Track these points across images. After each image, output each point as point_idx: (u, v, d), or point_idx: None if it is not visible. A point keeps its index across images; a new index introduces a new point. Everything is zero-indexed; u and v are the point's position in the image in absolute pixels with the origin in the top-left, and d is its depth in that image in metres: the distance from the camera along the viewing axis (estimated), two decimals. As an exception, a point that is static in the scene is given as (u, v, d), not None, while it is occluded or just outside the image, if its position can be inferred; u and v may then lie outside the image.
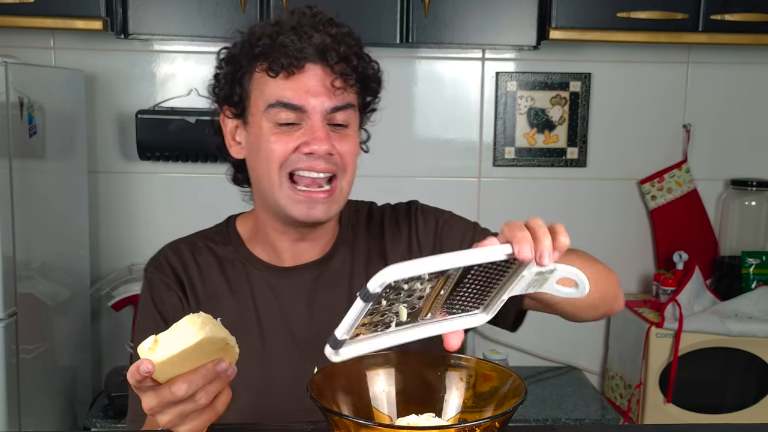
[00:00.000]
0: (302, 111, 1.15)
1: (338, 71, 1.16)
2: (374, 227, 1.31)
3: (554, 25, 2.23)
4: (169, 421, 0.91)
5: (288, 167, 1.16)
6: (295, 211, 1.18)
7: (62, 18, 2.15)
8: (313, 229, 1.24)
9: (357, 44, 1.20)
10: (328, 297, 1.25)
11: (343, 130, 1.19)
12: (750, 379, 2.36)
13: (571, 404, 2.33)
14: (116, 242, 2.55)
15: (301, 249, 1.26)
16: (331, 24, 1.18)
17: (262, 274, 1.26)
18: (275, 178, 1.17)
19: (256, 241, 1.29)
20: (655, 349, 2.30)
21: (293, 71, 1.15)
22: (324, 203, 1.18)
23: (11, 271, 1.87)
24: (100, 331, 2.58)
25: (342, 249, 1.29)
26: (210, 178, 2.53)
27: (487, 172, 2.61)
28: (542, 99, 2.58)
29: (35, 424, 1.99)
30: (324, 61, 1.15)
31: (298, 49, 1.14)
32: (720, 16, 2.22)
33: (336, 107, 1.17)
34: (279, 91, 1.16)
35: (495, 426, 0.82)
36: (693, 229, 2.62)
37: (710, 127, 2.63)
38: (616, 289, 1.20)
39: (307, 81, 1.15)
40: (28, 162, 1.99)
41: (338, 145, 1.17)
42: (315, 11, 1.20)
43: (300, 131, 1.16)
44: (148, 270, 1.28)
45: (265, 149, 1.17)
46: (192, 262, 1.27)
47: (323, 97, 1.15)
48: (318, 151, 1.15)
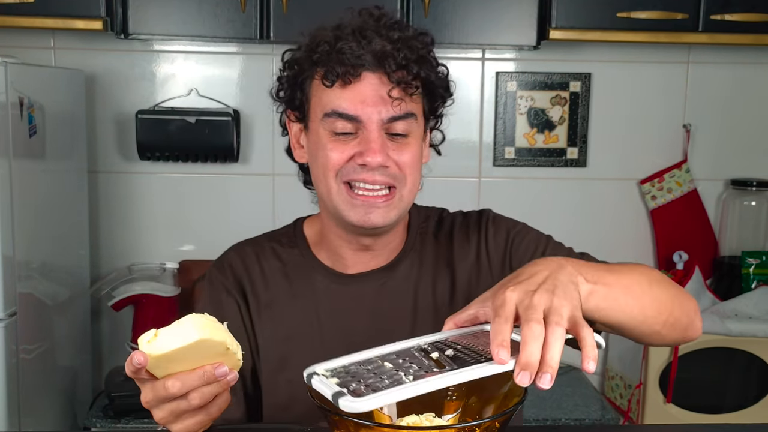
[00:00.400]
0: (358, 121, 1.12)
1: (396, 80, 1.11)
2: (443, 235, 1.28)
3: (554, 25, 2.23)
4: (162, 417, 0.91)
5: (343, 176, 1.14)
6: (353, 216, 1.15)
7: (62, 18, 2.15)
8: (374, 240, 1.21)
9: (423, 48, 1.15)
10: (391, 305, 1.22)
11: (402, 140, 1.15)
12: (750, 379, 2.36)
13: (571, 404, 2.33)
14: (116, 242, 2.55)
15: (364, 258, 1.24)
16: (395, 27, 1.14)
17: (326, 280, 1.24)
18: (332, 186, 1.15)
19: (321, 246, 1.26)
20: (655, 349, 2.30)
21: (349, 80, 1.11)
22: (382, 207, 1.14)
23: (11, 271, 1.87)
24: (100, 331, 2.58)
25: (409, 256, 1.25)
26: (210, 178, 2.53)
27: (487, 172, 2.61)
28: (542, 99, 2.58)
29: (35, 424, 1.99)
30: (381, 69, 1.11)
31: (355, 56, 1.10)
32: (720, 16, 2.22)
33: (394, 117, 1.12)
34: (335, 100, 1.12)
35: (495, 426, 0.82)
36: (693, 229, 2.62)
37: (710, 127, 2.63)
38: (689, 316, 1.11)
39: (364, 90, 1.11)
40: (28, 162, 1.99)
41: (396, 156, 1.14)
42: (381, 12, 1.16)
43: (356, 141, 1.13)
44: (212, 272, 1.27)
45: (322, 157, 1.15)
46: (256, 266, 1.25)
47: (380, 107, 1.11)
48: (371, 163, 1.12)
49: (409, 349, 0.88)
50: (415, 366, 0.83)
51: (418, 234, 1.27)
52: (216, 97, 2.48)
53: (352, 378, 0.81)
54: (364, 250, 1.23)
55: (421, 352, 0.87)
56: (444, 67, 1.21)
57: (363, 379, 0.81)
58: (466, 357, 0.83)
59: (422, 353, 0.86)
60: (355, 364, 0.85)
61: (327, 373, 0.83)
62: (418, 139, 1.18)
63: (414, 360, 0.85)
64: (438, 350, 0.86)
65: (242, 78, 2.51)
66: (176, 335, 0.84)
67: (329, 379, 0.81)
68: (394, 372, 0.82)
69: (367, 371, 0.83)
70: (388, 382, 0.79)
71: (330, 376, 0.82)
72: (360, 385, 0.79)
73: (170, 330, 0.85)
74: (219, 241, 1.44)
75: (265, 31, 2.20)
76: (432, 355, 0.85)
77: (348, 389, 0.78)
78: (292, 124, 1.24)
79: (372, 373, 0.82)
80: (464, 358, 0.83)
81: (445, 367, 0.82)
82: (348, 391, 0.77)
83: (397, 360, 0.85)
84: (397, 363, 0.84)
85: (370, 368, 0.84)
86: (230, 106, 2.48)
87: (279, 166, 2.54)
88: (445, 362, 0.83)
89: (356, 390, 0.78)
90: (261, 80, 2.52)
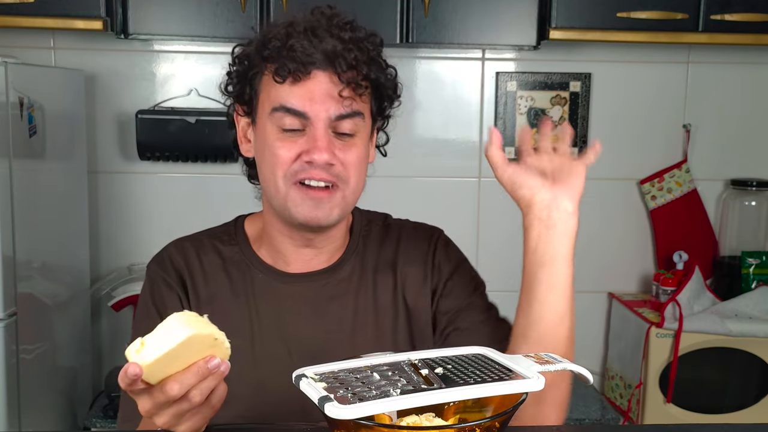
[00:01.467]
0: (305, 118, 1.13)
1: (346, 80, 1.12)
2: (390, 239, 1.29)
3: (554, 25, 2.23)
4: (166, 422, 0.91)
5: (292, 176, 1.15)
6: (299, 213, 1.15)
7: (62, 18, 2.15)
8: (317, 235, 1.22)
9: (374, 49, 1.17)
10: (332, 307, 1.23)
11: (348, 139, 1.16)
12: (750, 379, 2.36)
13: (571, 404, 2.31)
14: (116, 242, 2.55)
15: (306, 255, 1.24)
16: (346, 27, 1.15)
17: (266, 278, 1.24)
18: (280, 184, 1.16)
19: (262, 243, 1.27)
20: (655, 349, 2.30)
21: (299, 77, 1.12)
22: (325, 204, 1.15)
23: (11, 271, 1.87)
24: (100, 331, 2.58)
25: (351, 259, 1.26)
26: (210, 178, 2.53)
27: (487, 172, 2.59)
28: (542, 99, 2.58)
29: (35, 424, 1.99)
30: (332, 68, 1.12)
31: (306, 54, 1.11)
32: (720, 16, 2.22)
33: (341, 115, 1.14)
34: (284, 95, 1.13)
35: (495, 426, 0.82)
36: (693, 229, 2.62)
37: (710, 127, 2.63)
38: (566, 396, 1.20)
39: (313, 87, 1.13)
40: (28, 162, 1.99)
41: (341, 155, 1.15)
42: (334, 12, 1.17)
43: (303, 138, 1.14)
44: (151, 267, 1.26)
45: (270, 154, 1.16)
46: (196, 261, 1.25)
47: (328, 104, 1.13)
48: (317, 160, 1.13)
49: (400, 363, 0.89)
50: (403, 380, 0.83)
51: (361, 237, 1.28)
52: (216, 97, 2.48)
53: (340, 384, 0.82)
54: (306, 247, 1.23)
55: (411, 367, 0.87)
56: (392, 69, 1.22)
57: (351, 387, 0.81)
58: (455, 377, 0.84)
59: (412, 369, 0.87)
60: (344, 371, 0.86)
61: (316, 376, 0.84)
62: (365, 139, 1.19)
63: (403, 374, 0.85)
64: (428, 367, 0.87)
65: (242, 78, 2.51)
66: (164, 338, 0.84)
67: (317, 383, 0.82)
68: (382, 384, 0.82)
69: (355, 379, 0.83)
70: (375, 393, 0.80)
71: (318, 380, 0.83)
72: (347, 393, 0.80)
73: (156, 335, 0.85)
74: (219, 241, 1.43)
75: (265, 31, 2.20)
76: (422, 372, 0.86)
77: (335, 395, 0.79)
78: (240, 118, 1.25)
79: (360, 382, 0.83)
80: (453, 377, 0.84)
81: (433, 384, 0.83)
82: (335, 397, 0.78)
83: (387, 372, 0.86)
84: (386, 375, 0.85)
85: (359, 377, 0.84)
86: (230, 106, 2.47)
87: (279, 166, 2.54)
88: (433, 380, 0.84)
89: (343, 397, 0.78)
90: (261, 80, 2.52)
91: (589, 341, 2.66)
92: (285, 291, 1.23)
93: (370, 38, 1.17)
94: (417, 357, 0.90)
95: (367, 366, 0.87)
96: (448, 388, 0.81)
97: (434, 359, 0.90)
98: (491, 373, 0.85)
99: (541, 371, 0.84)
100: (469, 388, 0.81)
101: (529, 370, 0.84)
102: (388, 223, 1.32)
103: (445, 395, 0.80)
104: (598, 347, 2.68)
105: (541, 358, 0.88)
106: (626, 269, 2.66)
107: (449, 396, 0.81)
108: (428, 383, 0.83)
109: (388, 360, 0.89)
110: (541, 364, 0.86)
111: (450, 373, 0.85)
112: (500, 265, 2.61)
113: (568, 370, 0.88)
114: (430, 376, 0.85)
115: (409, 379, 0.84)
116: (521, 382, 0.83)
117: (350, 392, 0.80)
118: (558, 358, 0.88)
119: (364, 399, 0.78)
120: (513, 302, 1.15)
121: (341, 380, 0.83)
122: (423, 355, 0.90)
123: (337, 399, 0.78)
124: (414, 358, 0.90)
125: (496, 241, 2.53)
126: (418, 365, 0.88)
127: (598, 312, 2.67)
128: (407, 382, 0.83)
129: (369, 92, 1.18)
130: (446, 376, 0.85)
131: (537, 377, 0.83)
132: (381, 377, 0.84)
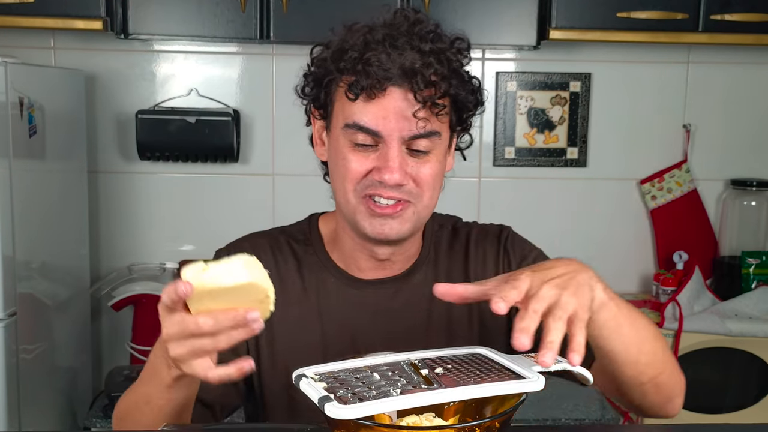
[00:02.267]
0: (378, 136, 1.09)
1: (422, 99, 1.07)
2: (458, 245, 1.27)
3: (554, 25, 2.23)
4: (180, 354, 0.88)
5: (362, 191, 1.12)
6: (368, 228, 1.13)
7: (62, 18, 2.15)
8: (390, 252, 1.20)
9: (456, 60, 1.12)
10: (403, 315, 1.21)
11: (423, 157, 1.12)
12: (750, 379, 2.36)
13: (571, 404, 2.33)
14: (116, 242, 2.55)
15: (379, 265, 1.22)
16: (428, 37, 1.10)
17: (338, 282, 1.22)
18: (350, 198, 1.13)
19: (335, 246, 1.24)
20: (655, 349, 2.30)
21: (374, 94, 1.07)
22: (396, 219, 1.12)
23: (11, 271, 1.87)
24: (100, 331, 2.58)
25: (423, 267, 1.24)
26: (210, 178, 2.53)
27: (487, 172, 2.60)
28: (542, 99, 2.58)
29: (35, 424, 1.99)
30: (408, 86, 1.07)
31: (383, 70, 1.06)
32: (720, 16, 2.22)
33: (416, 135, 1.09)
34: (358, 112, 1.09)
35: (495, 426, 0.82)
36: (693, 229, 2.62)
37: (710, 127, 2.63)
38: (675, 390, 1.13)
39: (387, 105, 1.08)
40: (28, 162, 1.99)
41: (414, 172, 1.11)
42: (417, 17, 1.12)
43: (376, 154, 1.11)
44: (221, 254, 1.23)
45: (342, 165, 1.13)
46: (271, 260, 1.22)
47: (402, 124, 1.08)
48: (388, 181, 1.09)
49: (400, 363, 0.88)
50: (403, 380, 0.83)
51: (432, 244, 1.26)
52: (216, 97, 2.48)
53: (340, 384, 0.82)
54: (377, 260, 1.21)
55: (411, 367, 0.87)
56: (476, 80, 1.16)
57: (351, 386, 0.81)
58: (455, 377, 0.84)
59: (412, 368, 0.87)
60: (344, 371, 0.86)
61: (316, 376, 0.83)
62: (441, 156, 1.15)
63: (403, 374, 0.85)
64: (428, 367, 0.87)
65: (242, 78, 2.51)
66: (226, 273, 0.83)
67: (317, 383, 0.82)
68: (382, 384, 0.82)
69: (355, 379, 0.83)
70: (375, 393, 0.79)
71: (318, 380, 0.83)
72: (347, 393, 0.79)
73: (221, 266, 0.83)
74: (219, 241, 1.43)
75: (265, 31, 2.20)
76: (422, 371, 0.86)
77: (335, 395, 0.78)
78: (315, 120, 1.21)
79: (360, 382, 0.83)
80: (452, 377, 0.84)
81: (432, 384, 0.82)
82: (334, 397, 0.78)
83: (387, 372, 0.86)
84: (386, 375, 0.85)
85: (359, 377, 0.84)
86: (230, 106, 2.48)
87: (279, 166, 2.54)
88: (433, 380, 0.83)
89: (342, 397, 0.78)
90: (261, 80, 2.52)
91: (589, 341, 2.66)
92: (357, 297, 1.21)
93: (453, 47, 1.12)
94: (417, 357, 0.90)
95: (367, 366, 0.87)
96: (448, 388, 0.81)
97: (434, 359, 0.89)
98: (491, 373, 0.85)
99: (541, 371, 0.84)
100: (469, 388, 0.81)
101: (529, 370, 0.84)
102: (457, 228, 1.29)
103: (445, 395, 0.80)
104: (598, 347, 2.68)
105: None
106: (626, 269, 2.66)
107: (449, 396, 0.81)
108: (428, 383, 0.83)
109: (389, 360, 0.89)
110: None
111: (450, 373, 0.85)
112: (500, 265, 2.61)
113: (568, 370, 0.87)
114: (430, 376, 0.85)
115: (409, 379, 0.84)
116: (521, 382, 0.82)
117: (350, 392, 0.80)
118: (558, 357, 0.87)
119: (364, 399, 0.78)
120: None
121: (341, 380, 0.83)
122: (423, 355, 0.90)
123: (337, 399, 0.78)
124: (414, 358, 0.90)
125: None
126: (418, 365, 0.88)
127: (598, 312, 2.66)
128: (407, 382, 0.83)
129: (448, 108, 1.12)
130: (446, 376, 0.84)
131: (537, 377, 0.83)
132: (381, 377, 0.84)
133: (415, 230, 1.17)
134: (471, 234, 1.27)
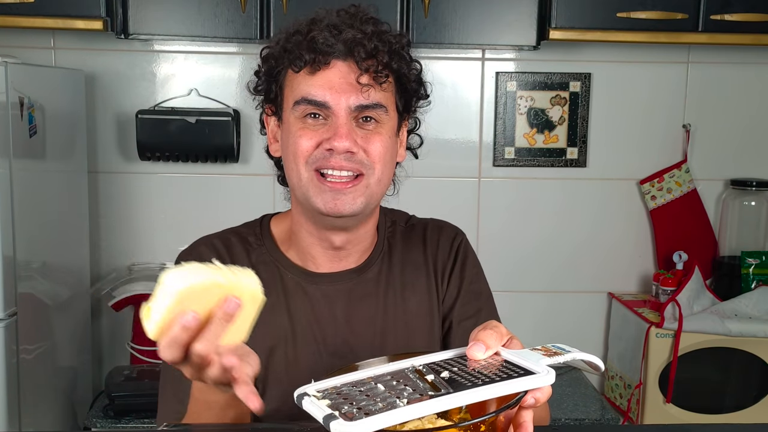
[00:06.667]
0: (327, 107, 1.13)
1: (365, 67, 1.12)
2: (415, 235, 1.30)
3: (554, 25, 2.23)
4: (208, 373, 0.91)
5: (313, 163, 1.14)
6: (320, 202, 1.14)
7: (62, 18, 2.15)
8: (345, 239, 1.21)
9: (397, 43, 1.16)
10: (361, 308, 1.23)
11: (371, 129, 1.15)
12: (750, 379, 2.36)
13: (571, 404, 2.33)
14: (116, 242, 2.56)
15: (335, 256, 1.24)
16: (368, 22, 1.15)
17: (296, 278, 1.24)
18: (302, 173, 1.15)
19: (290, 245, 1.26)
20: (654, 349, 2.30)
21: (318, 67, 1.12)
22: (349, 194, 1.14)
23: (11, 271, 1.87)
24: (100, 331, 2.58)
25: (378, 260, 1.27)
26: (210, 178, 2.53)
27: (487, 172, 2.60)
28: (542, 99, 2.58)
29: (35, 424, 1.99)
30: (351, 57, 1.12)
31: (326, 45, 1.11)
32: (720, 16, 2.22)
33: (362, 105, 1.13)
34: (305, 87, 1.14)
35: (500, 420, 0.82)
36: (693, 229, 2.62)
37: (710, 127, 2.63)
38: None
39: (332, 77, 1.13)
40: (28, 162, 1.99)
41: (363, 143, 1.14)
42: (358, 9, 1.17)
43: (325, 127, 1.14)
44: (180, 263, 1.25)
45: (292, 144, 1.16)
46: (227, 259, 1.24)
47: (348, 94, 1.12)
48: (338, 148, 1.12)
49: (404, 371, 0.86)
50: (409, 389, 0.81)
51: (386, 238, 1.29)
52: (216, 97, 2.48)
53: (344, 400, 0.79)
54: (334, 249, 1.23)
55: (415, 374, 0.85)
56: (418, 64, 1.22)
57: (355, 401, 0.79)
58: (462, 379, 0.82)
59: (417, 375, 0.85)
60: (347, 385, 0.83)
61: (318, 394, 0.81)
62: (390, 132, 1.18)
63: (408, 382, 0.83)
64: (434, 372, 0.85)
65: (242, 78, 2.51)
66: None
67: (320, 400, 0.80)
68: (387, 395, 0.80)
69: (359, 393, 0.81)
70: (381, 405, 0.77)
71: (321, 398, 0.80)
72: (352, 408, 0.77)
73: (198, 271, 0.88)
74: (219, 241, 1.43)
75: (265, 31, 2.20)
76: (427, 377, 0.84)
77: (340, 412, 0.76)
78: (269, 119, 1.25)
79: (365, 395, 0.80)
80: (460, 380, 0.82)
81: (440, 389, 0.80)
82: (340, 414, 0.76)
83: (391, 382, 0.83)
84: (390, 385, 0.82)
85: (363, 390, 0.82)
86: (230, 106, 2.48)
87: (279, 166, 2.54)
88: (440, 385, 0.81)
89: (348, 413, 0.76)
90: (261, 80, 2.52)
91: (589, 341, 2.66)
92: (315, 291, 1.23)
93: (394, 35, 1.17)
94: (421, 362, 0.88)
95: (370, 377, 0.85)
96: (457, 392, 0.79)
97: (439, 363, 0.88)
98: (499, 371, 0.83)
99: (550, 364, 0.82)
100: (479, 390, 0.79)
101: (538, 364, 0.82)
102: (412, 224, 1.33)
103: (453, 400, 0.78)
104: (598, 347, 2.68)
105: (549, 350, 0.86)
106: (626, 269, 2.66)
107: (458, 401, 0.78)
108: (435, 389, 0.81)
109: (392, 369, 0.87)
110: (550, 357, 0.84)
111: (457, 376, 0.83)
112: (499, 264, 2.61)
113: (578, 359, 0.86)
114: (436, 382, 0.83)
115: (415, 387, 0.81)
116: (531, 378, 0.80)
117: (355, 407, 0.77)
118: (566, 348, 0.86)
119: (370, 413, 0.75)
120: (512, 301, 1.16)
121: (345, 395, 0.81)
122: (427, 360, 0.89)
123: (342, 416, 0.75)
124: (418, 363, 0.88)
125: (495, 241, 2.52)
126: (423, 371, 0.86)
127: (598, 312, 2.67)
128: (413, 390, 0.81)
129: (392, 86, 1.17)
130: (453, 379, 0.82)
131: (547, 371, 0.81)
132: (386, 388, 0.82)
133: (367, 208, 1.19)
134: (427, 225, 1.33)
